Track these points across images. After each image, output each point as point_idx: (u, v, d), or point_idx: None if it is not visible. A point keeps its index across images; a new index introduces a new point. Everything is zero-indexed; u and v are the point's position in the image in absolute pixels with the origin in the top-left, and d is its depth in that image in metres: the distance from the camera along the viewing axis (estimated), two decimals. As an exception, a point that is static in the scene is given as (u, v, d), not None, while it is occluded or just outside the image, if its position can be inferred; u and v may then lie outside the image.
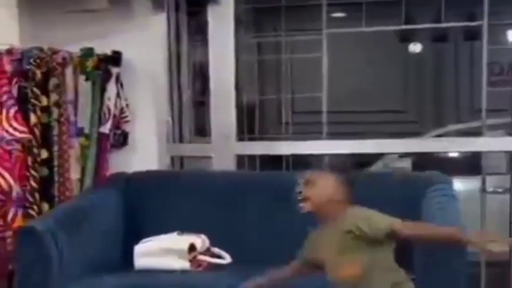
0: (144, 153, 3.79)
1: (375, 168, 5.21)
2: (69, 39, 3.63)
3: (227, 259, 3.22)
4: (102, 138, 3.66)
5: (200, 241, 3.21)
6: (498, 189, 4.26)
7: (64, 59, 3.51)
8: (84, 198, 3.46)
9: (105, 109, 3.64)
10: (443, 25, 4.35)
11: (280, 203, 3.19)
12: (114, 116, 3.66)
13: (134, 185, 3.56)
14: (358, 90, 7.85)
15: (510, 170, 4.06)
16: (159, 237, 3.27)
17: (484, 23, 3.70)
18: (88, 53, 3.62)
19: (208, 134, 3.95)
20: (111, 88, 3.65)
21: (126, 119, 3.74)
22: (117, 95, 3.68)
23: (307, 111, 4.73)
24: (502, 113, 4.19)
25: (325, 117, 3.96)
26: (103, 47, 3.64)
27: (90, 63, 3.61)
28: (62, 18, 3.73)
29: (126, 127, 3.75)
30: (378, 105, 7.88)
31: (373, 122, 7.19)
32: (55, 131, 3.44)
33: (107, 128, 3.64)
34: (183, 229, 3.27)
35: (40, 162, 3.38)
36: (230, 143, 3.88)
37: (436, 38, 7.92)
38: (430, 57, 8.50)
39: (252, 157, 4.13)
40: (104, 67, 3.65)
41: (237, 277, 2.75)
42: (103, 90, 3.65)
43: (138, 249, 3.22)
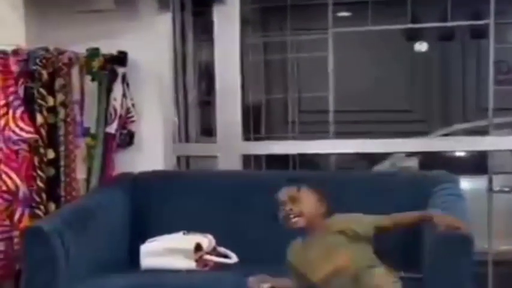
0: (150, 153, 3.78)
1: (381, 167, 5.21)
2: (75, 40, 3.63)
3: (233, 258, 3.21)
4: (108, 138, 3.65)
5: (206, 241, 3.20)
6: (505, 188, 4.25)
7: (70, 59, 3.51)
8: (90, 198, 3.46)
9: (111, 109, 3.63)
10: (449, 24, 4.35)
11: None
12: (120, 116, 3.65)
13: (140, 185, 3.56)
14: (364, 89, 7.85)
15: (517, 169, 4.06)
16: (165, 237, 3.26)
17: (490, 22, 3.69)
18: (94, 53, 3.61)
19: (214, 133, 3.95)
20: (117, 88, 3.65)
21: (132, 119, 3.73)
22: (123, 95, 3.67)
23: (314, 111, 4.73)
24: (509, 111, 4.19)
25: (331, 117, 3.95)
26: (109, 47, 3.63)
27: (96, 64, 3.61)
28: (68, 18, 3.73)
29: (132, 127, 3.75)
30: (384, 104, 7.88)
31: (380, 121, 7.19)
32: (61, 131, 3.44)
33: (113, 128, 3.64)
34: (189, 229, 3.27)
35: (47, 163, 3.38)
36: (236, 142, 3.87)
37: (442, 37, 7.91)
38: (436, 56, 8.49)
39: (258, 157, 4.13)
40: (110, 67, 3.64)
41: (243, 277, 2.75)
42: (109, 91, 3.64)
43: (144, 248, 3.22)
